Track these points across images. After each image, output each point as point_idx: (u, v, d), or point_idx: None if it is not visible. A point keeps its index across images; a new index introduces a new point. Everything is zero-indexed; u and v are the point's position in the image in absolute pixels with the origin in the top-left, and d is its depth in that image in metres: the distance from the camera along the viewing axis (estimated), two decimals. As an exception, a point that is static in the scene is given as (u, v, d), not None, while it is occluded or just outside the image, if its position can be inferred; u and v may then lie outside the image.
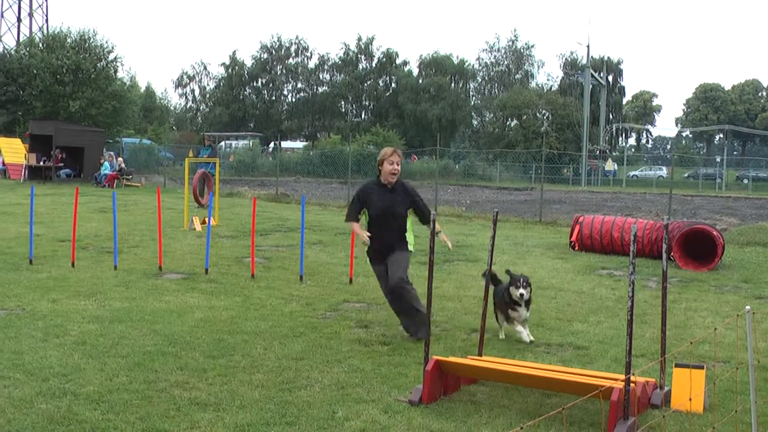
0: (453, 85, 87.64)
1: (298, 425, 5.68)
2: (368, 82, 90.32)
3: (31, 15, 73.16)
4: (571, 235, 16.45)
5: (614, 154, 77.26)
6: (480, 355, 7.25)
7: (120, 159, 38.94)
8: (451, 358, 6.71)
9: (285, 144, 69.09)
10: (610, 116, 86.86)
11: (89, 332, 8.16)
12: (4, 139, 43.58)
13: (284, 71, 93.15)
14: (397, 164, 8.50)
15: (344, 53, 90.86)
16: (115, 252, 12.69)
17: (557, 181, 52.99)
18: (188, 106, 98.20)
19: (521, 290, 8.00)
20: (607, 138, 77.89)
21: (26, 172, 38.79)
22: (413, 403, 6.13)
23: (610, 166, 65.51)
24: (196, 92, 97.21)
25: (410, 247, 8.57)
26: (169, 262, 12.84)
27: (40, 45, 57.08)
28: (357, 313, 9.54)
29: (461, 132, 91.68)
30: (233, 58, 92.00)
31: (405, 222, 8.53)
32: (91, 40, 56.28)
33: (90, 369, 6.90)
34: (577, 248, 15.97)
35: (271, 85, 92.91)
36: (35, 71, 53.44)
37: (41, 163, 38.98)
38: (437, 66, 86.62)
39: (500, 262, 13.36)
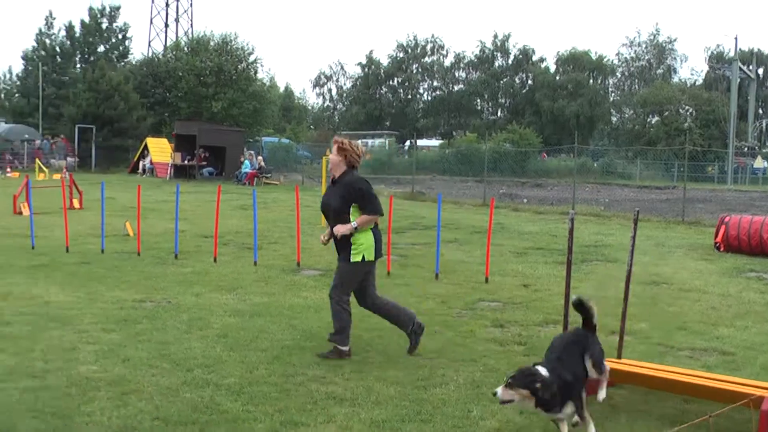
0: (591, 81, 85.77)
1: (433, 423, 5.69)
2: (504, 80, 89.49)
3: (177, 20, 75.99)
4: (716, 236, 15.85)
5: (764, 150, 73.83)
6: (619, 357, 7.06)
7: (260, 158, 39.98)
8: (589, 360, 6.55)
9: (420, 142, 69.17)
10: (760, 111, 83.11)
11: (230, 325, 8.42)
12: (152, 139, 45.57)
13: (420, 70, 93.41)
14: (334, 154, 7.45)
15: (480, 51, 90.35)
16: (254, 248, 13.05)
17: (701, 180, 51.03)
18: (325, 105, 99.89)
19: (497, 388, 5.20)
20: (756, 134, 74.51)
21: (172, 170, 40.46)
22: (549, 404, 6.03)
23: (759, 163, 62.46)
24: (333, 92, 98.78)
25: (355, 256, 7.33)
26: (307, 259, 13.09)
27: (185, 49, 59.34)
28: (492, 312, 9.47)
29: (600, 129, 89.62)
30: (369, 58, 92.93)
31: (343, 218, 7.33)
32: (233, 42, 58.14)
33: (231, 361, 7.12)
34: (722, 249, 15.37)
35: (406, 83, 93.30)
36: (180, 74, 55.63)
37: (185, 162, 40.51)
38: (575, 62, 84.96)
39: (641, 263, 12.97)
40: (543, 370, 5.20)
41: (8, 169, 42.89)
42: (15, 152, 49.41)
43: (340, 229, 7.31)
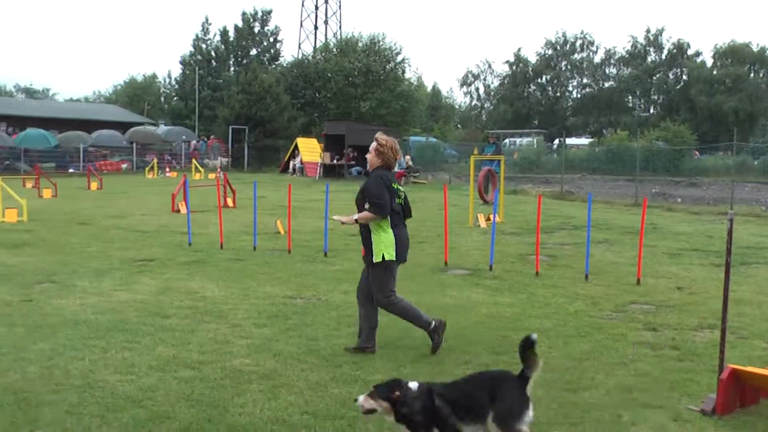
0: (752, 75, 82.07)
1: (582, 427, 5.56)
2: (657, 75, 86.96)
3: (326, 22, 77.58)
4: None
5: None
6: (782, 365, 6.71)
7: (407, 157, 40.17)
8: (750, 368, 6.25)
9: (569, 141, 67.97)
10: None
11: (378, 323, 8.48)
12: (302, 139, 46.62)
13: (569, 67, 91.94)
14: (372, 155, 7.53)
15: (632, 46, 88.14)
16: (403, 247, 13.11)
17: None
18: (473, 104, 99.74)
19: (360, 396, 5.12)
20: None
21: (321, 170, 41.26)
22: (705, 412, 5.80)
23: None
24: (481, 90, 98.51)
25: (376, 256, 7.31)
26: (454, 258, 13.08)
27: (334, 50, 60.49)
28: (645, 315, 9.18)
29: (761, 125, 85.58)
30: (517, 56, 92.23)
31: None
32: (381, 43, 58.90)
33: (379, 358, 7.20)
34: None
35: (555, 81, 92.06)
36: (329, 75, 56.71)
37: (334, 162, 41.20)
38: (734, 55, 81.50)
39: (805, 266, 12.31)
40: (413, 385, 4.96)
41: (167, 169, 44.87)
42: (173, 153, 51.64)
43: (340, 218, 7.65)
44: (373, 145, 7.53)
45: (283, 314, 8.92)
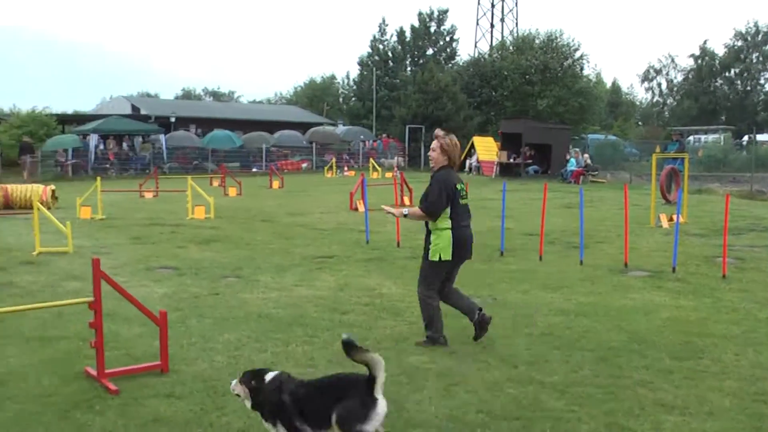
0: None
1: (775, 440, 5.26)
2: None
3: (502, 20, 76.99)
4: None
5: None
6: None
7: (586, 155, 39.35)
8: None
9: (760, 137, 64.48)
10: None
11: (555, 324, 8.37)
12: (479, 138, 46.54)
13: (761, 59, 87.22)
14: (432, 150, 7.63)
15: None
16: (581, 247, 12.86)
17: None
18: (654, 100, 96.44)
19: (234, 380, 5.32)
20: None
21: (497, 168, 41.07)
22: None
23: None
24: (663, 86, 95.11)
25: (432, 255, 7.49)
26: (635, 259, 12.69)
27: (511, 48, 60.06)
28: None
29: None
30: (703, 48, 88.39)
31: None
32: (558, 39, 57.97)
33: (555, 360, 7.08)
34: None
35: (745, 74, 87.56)
36: (506, 73, 56.32)
37: (511, 160, 40.89)
38: None
39: None
40: (269, 376, 5.06)
41: (345, 168, 45.87)
42: (351, 152, 52.75)
43: (390, 209, 8.08)
44: (436, 143, 7.58)
45: (459, 313, 8.87)
